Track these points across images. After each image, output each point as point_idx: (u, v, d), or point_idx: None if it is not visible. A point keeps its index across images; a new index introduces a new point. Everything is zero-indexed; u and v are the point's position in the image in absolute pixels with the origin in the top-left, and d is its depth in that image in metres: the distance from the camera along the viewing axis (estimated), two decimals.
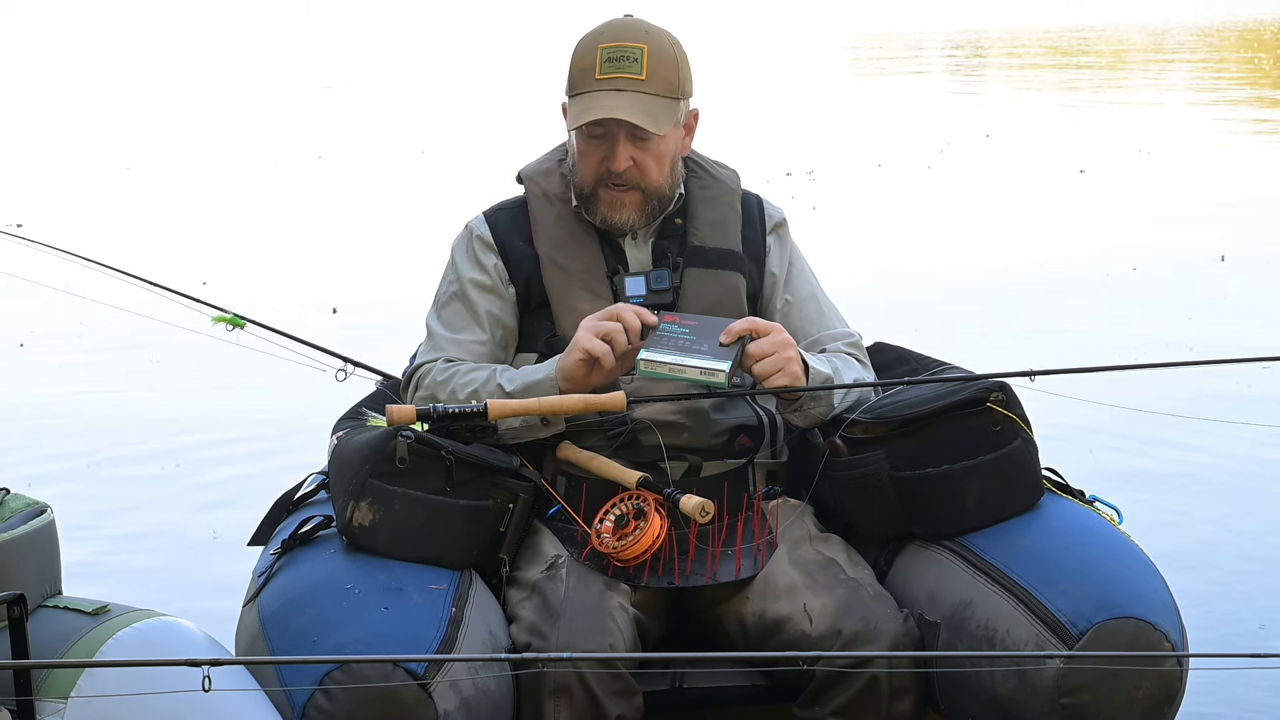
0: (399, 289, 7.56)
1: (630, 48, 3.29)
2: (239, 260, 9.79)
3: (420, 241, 8.91)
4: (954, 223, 11.04)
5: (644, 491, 3.12)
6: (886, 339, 3.72)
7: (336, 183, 13.26)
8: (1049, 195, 12.05)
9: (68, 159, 15.23)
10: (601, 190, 3.33)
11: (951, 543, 3.15)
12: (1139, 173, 13.22)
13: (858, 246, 10.02)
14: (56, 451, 5.82)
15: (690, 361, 3.13)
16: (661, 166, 3.32)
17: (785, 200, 11.07)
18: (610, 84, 3.27)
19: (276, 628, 2.91)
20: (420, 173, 13.76)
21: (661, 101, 3.29)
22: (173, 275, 5.50)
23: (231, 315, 4.09)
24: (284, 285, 9.00)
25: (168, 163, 14.67)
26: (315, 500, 3.39)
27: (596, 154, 3.31)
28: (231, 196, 12.61)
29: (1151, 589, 2.98)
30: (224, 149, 15.83)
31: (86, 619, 2.78)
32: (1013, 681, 2.91)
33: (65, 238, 10.12)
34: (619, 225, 3.35)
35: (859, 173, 13.38)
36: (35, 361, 7.26)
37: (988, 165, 13.90)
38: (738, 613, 3.15)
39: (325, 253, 10.07)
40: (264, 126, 18.12)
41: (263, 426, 6.10)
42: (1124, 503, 3.32)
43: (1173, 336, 7.32)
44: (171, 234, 10.77)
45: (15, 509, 2.93)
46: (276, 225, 11.25)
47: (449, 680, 2.76)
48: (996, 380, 3.20)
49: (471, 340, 3.37)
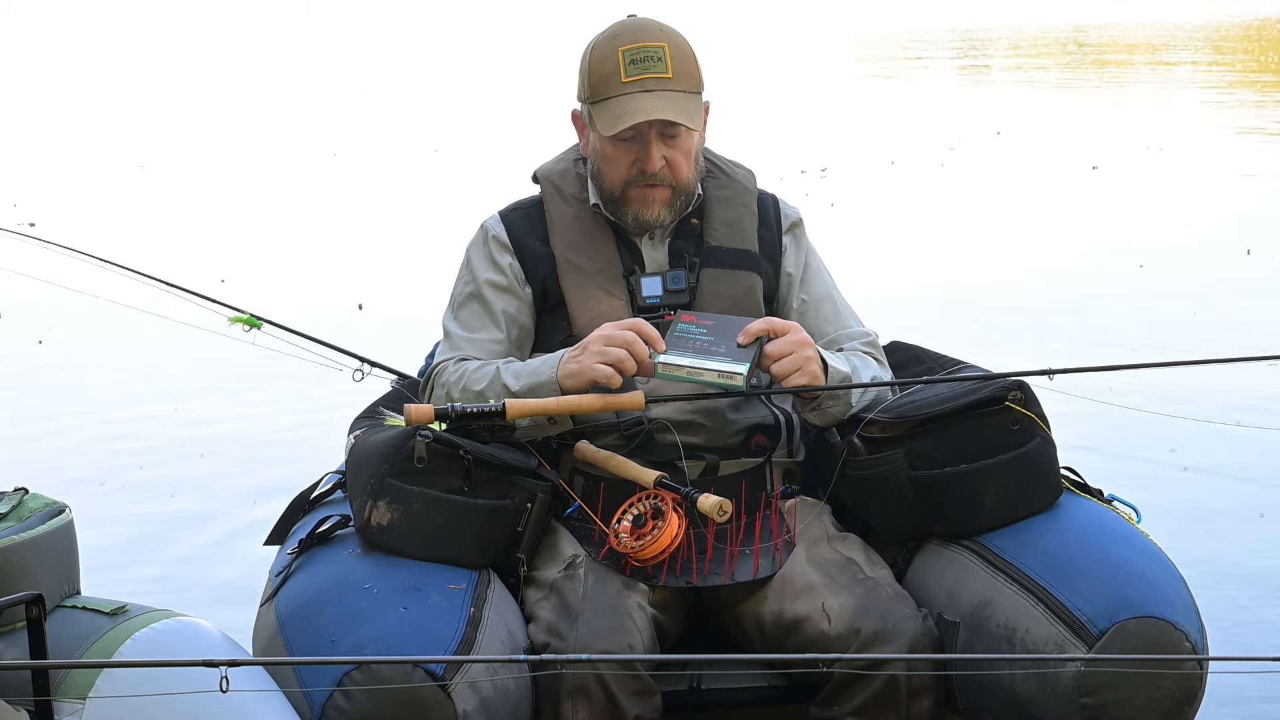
0: (418, 288, 7.55)
1: (652, 47, 3.29)
2: (256, 258, 9.81)
3: (436, 240, 8.91)
4: (974, 219, 11.06)
5: (662, 491, 3.11)
6: (909, 335, 3.71)
7: (351, 181, 13.28)
8: (1062, 191, 12.06)
9: (81, 157, 15.25)
10: (632, 190, 3.33)
11: (970, 542, 3.14)
12: (1152, 168, 13.21)
13: (878, 243, 10.06)
14: (74, 451, 5.82)
15: (708, 364, 3.12)
16: (690, 162, 3.34)
17: (800, 198, 11.09)
18: (639, 85, 3.27)
19: (294, 627, 2.91)
20: (434, 171, 13.77)
21: (690, 97, 3.30)
22: (189, 273, 5.55)
23: (248, 316, 4.08)
24: (301, 283, 9.01)
25: (181, 161, 14.69)
26: (332, 500, 3.38)
27: (627, 157, 3.31)
28: (246, 194, 12.64)
29: (1171, 588, 2.97)
30: (238, 147, 15.86)
31: (105, 619, 2.78)
32: (1032, 681, 2.90)
33: (79, 236, 10.15)
34: (649, 221, 3.35)
35: (872, 170, 13.38)
36: (52, 363, 7.25)
37: (1000, 162, 13.90)
38: (756, 612, 3.14)
39: (343, 251, 10.08)
40: (278, 124, 18.15)
41: (281, 429, 6.09)
42: (1143, 502, 3.31)
43: (1193, 334, 7.30)
44: (186, 232, 10.79)
45: (34, 509, 2.93)
46: (292, 223, 11.27)
47: (468, 680, 2.75)
48: (1015, 379, 3.20)
49: (488, 340, 3.37)
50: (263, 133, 17.23)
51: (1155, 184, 12.42)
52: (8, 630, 2.74)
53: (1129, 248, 9.58)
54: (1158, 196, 11.84)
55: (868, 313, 3.54)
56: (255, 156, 15.13)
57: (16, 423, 6.28)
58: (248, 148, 15.83)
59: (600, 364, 3.13)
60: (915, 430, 3.17)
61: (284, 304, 7.88)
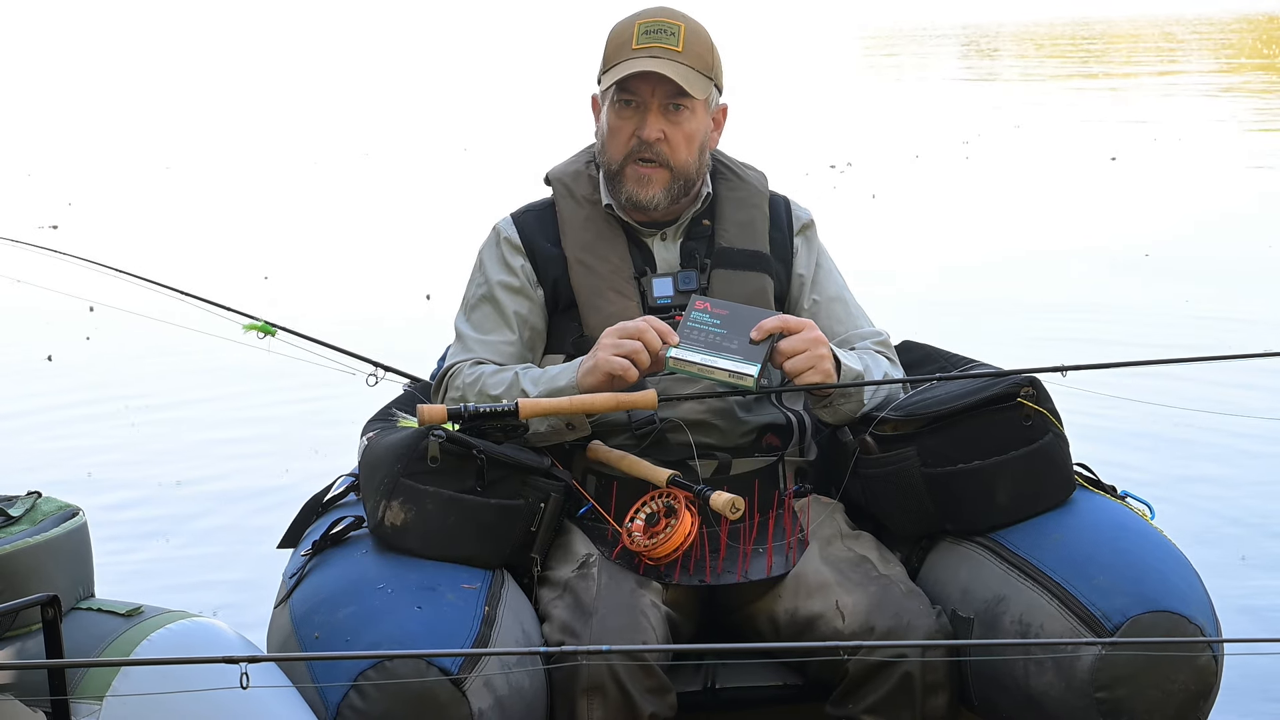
0: (446, 288, 7.56)
1: (668, 23, 3.33)
2: (292, 258, 9.83)
3: (465, 239, 8.93)
4: (1004, 210, 11.14)
5: (675, 489, 3.11)
6: (951, 327, 3.68)
7: (382, 179, 13.31)
8: (1082, 182, 12.11)
9: (107, 159, 15.29)
10: (629, 167, 3.34)
11: (984, 538, 3.15)
12: (1171, 160, 13.20)
13: (921, 234, 10.21)
14: (87, 455, 5.84)
15: (719, 363, 3.13)
16: (690, 146, 3.34)
17: (828, 192, 11.16)
18: (646, 52, 3.31)
19: (309, 628, 2.91)
20: (462, 170, 13.80)
21: (698, 75, 3.32)
22: (220, 273, 5.56)
23: (263, 323, 4.10)
24: (334, 283, 9.05)
25: (207, 162, 14.73)
26: (345, 502, 3.39)
27: (628, 127, 3.33)
28: (275, 194, 12.66)
29: (1186, 584, 2.96)
30: (265, 147, 15.90)
31: (120, 620, 2.79)
32: (1047, 676, 2.91)
33: (102, 238, 10.24)
34: (644, 202, 3.35)
35: (897, 164, 13.39)
36: (66, 369, 7.28)
37: (1022, 154, 13.90)
38: (769, 611, 3.15)
39: (374, 251, 10.10)
40: (307, 124, 18.21)
41: (296, 432, 6.10)
42: (1156, 498, 3.30)
43: (1209, 330, 7.27)
44: (213, 234, 10.80)
45: (48, 512, 2.94)
46: (325, 222, 11.28)
47: (483, 679, 2.76)
48: (1027, 375, 3.19)
49: (500, 341, 3.38)
50: (291, 133, 17.27)
51: (1176, 174, 12.42)
52: (24, 632, 2.75)
53: (1138, 244, 9.56)
54: (1179, 187, 11.86)
55: (904, 307, 3.53)
56: (283, 157, 15.17)
57: (31, 428, 6.29)
58: (275, 148, 15.87)
59: (615, 356, 3.13)
60: (928, 428, 3.17)
61: (323, 304, 7.98)
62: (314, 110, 19.97)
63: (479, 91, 22.05)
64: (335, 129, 17.46)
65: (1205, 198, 11.38)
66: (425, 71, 26.67)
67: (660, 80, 3.29)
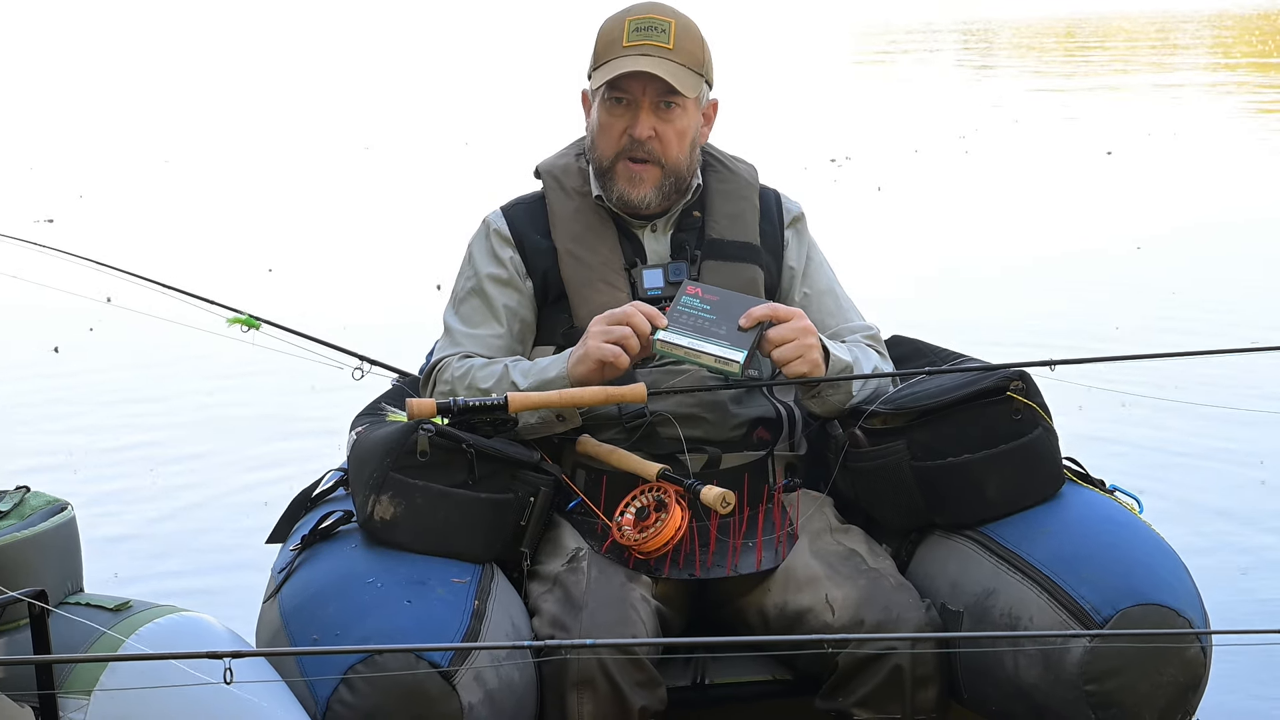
0: (449, 281, 7.55)
1: (658, 20, 3.33)
2: (291, 254, 9.83)
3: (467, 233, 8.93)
4: (1001, 205, 11.17)
5: (665, 483, 3.11)
6: (944, 321, 3.68)
7: (383, 173, 13.30)
8: (1079, 177, 12.12)
9: (107, 152, 15.27)
10: (620, 165, 3.34)
11: (973, 532, 3.15)
12: (1167, 155, 13.21)
13: (921, 228, 10.23)
14: (75, 450, 5.83)
15: (706, 347, 3.13)
16: (681, 143, 3.34)
17: (829, 185, 11.18)
18: (637, 50, 3.30)
19: (299, 622, 2.91)
20: (464, 164, 13.80)
21: (689, 73, 3.32)
22: (218, 267, 5.54)
23: (247, 316, 4.10)
24: (337, 276, 9.05)
25: (207, 156, 14.72)
26: (334, 497, 3.39)
27: (619, 124, 3.33)
28: (276, 188, 12.65)
29: (1175, 577, 2.97)
30: (264, 141, 15.89)
31: (108, 615, 2.79)
32: (1036, 669, 2.91)
33: (98, 232, 10.23)
34: (635, 202, 3.35)
35: (897, 158, 13.39)
36: (54, 363, 7.27)
37: (1020, 149, 13.91)
38: (759, 604, 3.15)
39: (377, 244, 10.10)
40: (308, 118, 18.20)
41: (280, 425, 6.11)
42: (1144, 492, 3.31)
43: (1198, 323, 7.27)
44: (216, 228, 10.79)
45: (36, 506, 2.94)
46: (327, 216, 11.27)
47: (473, 673, 2.76)
48: (1017, 369, 3.20)
49: (489, 335, 3.38)
50: (292, 126, 17.26)
51: (1173, 169, 12.42)
52: (11, 627, 2.75)
53: (1130, 238, 9.57)
54: (1177, 181, 11.85)
55: (908, 299, 3.53)
56: (284, 150, 15.16)
57: (19, 423, 6.29)
58: (276, 142, 15.86)
59: (605, 343, 3.14)
60: (917, 421, 3.17)
61: (326, 298, 7.97)
62: (315, 104, 19.95)
63: (480, 86, 22.04)
64: (337, 123, 17.44)
65: (1199, 192, 11.39)
66: (426, 65, 26.67)
67: (651, 79, 3.29)
